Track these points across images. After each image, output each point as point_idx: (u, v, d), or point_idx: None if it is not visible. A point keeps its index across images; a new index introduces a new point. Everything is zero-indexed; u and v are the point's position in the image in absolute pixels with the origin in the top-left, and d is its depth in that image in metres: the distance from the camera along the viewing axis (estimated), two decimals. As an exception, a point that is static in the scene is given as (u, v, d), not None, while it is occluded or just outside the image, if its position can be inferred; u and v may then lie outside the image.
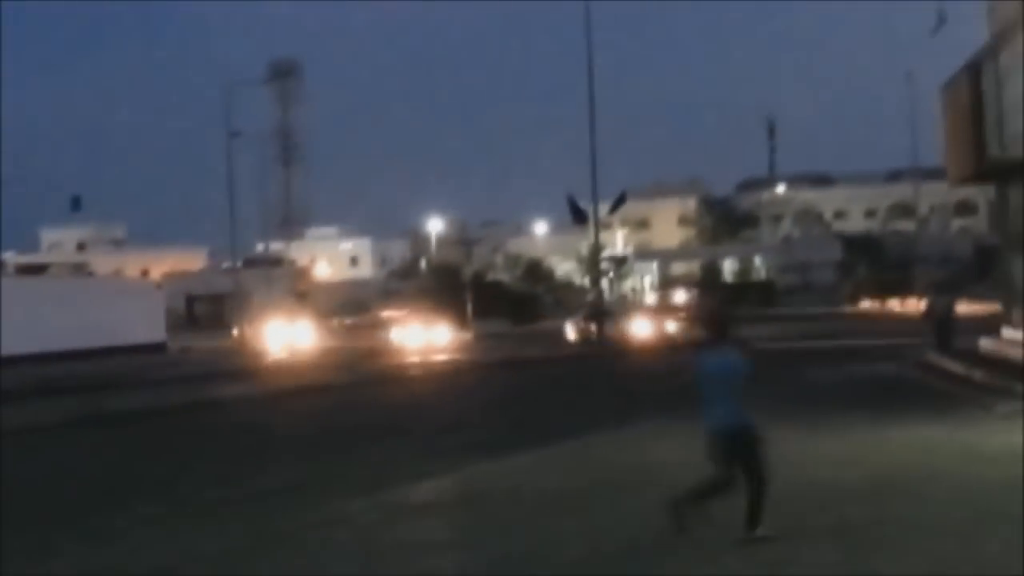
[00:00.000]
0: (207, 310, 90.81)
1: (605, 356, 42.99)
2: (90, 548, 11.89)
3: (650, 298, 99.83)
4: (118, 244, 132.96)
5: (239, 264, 76.35)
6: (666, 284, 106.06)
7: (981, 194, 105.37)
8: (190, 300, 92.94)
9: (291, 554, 11.23)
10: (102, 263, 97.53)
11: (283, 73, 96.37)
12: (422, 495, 14.27)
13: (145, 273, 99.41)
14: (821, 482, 13.09)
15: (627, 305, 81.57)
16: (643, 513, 11.95)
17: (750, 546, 10.13)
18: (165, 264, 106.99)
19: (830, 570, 9.57)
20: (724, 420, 10.15)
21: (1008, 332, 28.37)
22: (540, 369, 38.51)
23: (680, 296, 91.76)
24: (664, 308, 74.68)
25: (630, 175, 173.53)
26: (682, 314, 58.27)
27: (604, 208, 60.45)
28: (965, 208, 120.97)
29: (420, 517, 12.87)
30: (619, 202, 66.01)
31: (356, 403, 28.50)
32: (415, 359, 44.26)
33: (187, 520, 13.27)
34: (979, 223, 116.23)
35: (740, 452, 10.17)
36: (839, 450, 14.95)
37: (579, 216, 59.90)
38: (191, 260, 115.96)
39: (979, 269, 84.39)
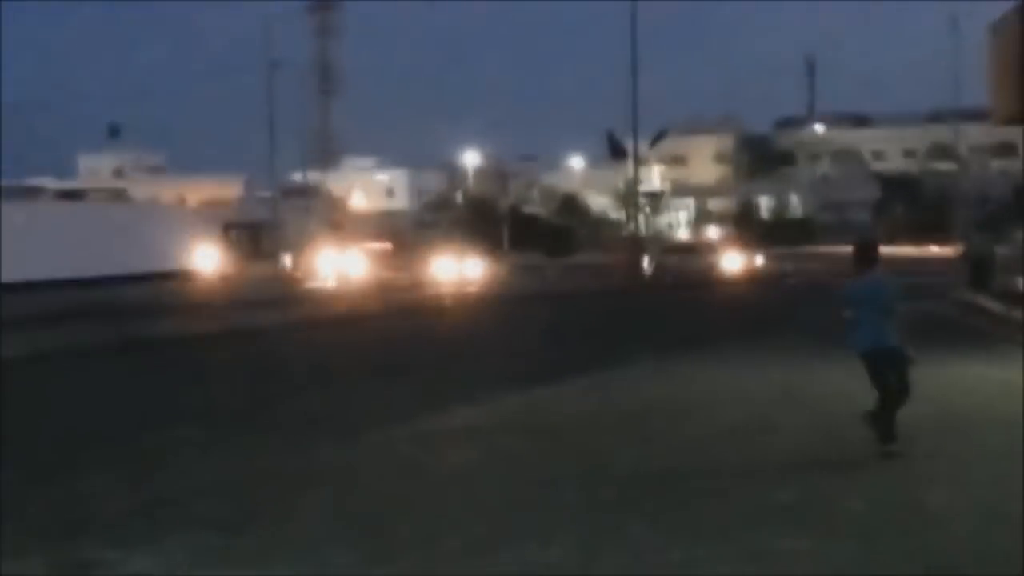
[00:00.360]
0: (244, 239, 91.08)
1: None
2: (122, 471, 11.82)
3: (685, 234, 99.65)
4: (155, 171, 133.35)
5: (276, 193, 76.51)
6: (702, 220, 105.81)
7: (1023, 135, 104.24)
8: (227, 228, 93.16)
9: (333, 479, 11.35)
10: (139, 190, 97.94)
11: (323, 4, 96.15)
12: (464, 421, 14.43)
13: (182, 201, 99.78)
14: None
15: (712, 240, 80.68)
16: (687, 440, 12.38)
17: (887, 459, 10.92)
18: (202, 192, 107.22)
19: (882, 500, 9.73)
20: (873, 342, 11.05)
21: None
22: (590, 303, 38.69)
23: (715, 232, 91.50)
24: (741, 241, 73.65)
25: (668, 111, 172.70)
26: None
27: (643, 144, 60.32)
28: (1006, 149, 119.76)
29: (461, 442, 13.04)
30: (659, 138, 65.94)
31: (395, 335, 28.76)
32: (449, 290, 44.45)
33: (227, 444, 13.36)
34: (1020, 164, 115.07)
35: (886, 371, 11.09)
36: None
37: (618, 151, 59.83)
38: (228, 188, 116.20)
39: (1019, 210, 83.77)
